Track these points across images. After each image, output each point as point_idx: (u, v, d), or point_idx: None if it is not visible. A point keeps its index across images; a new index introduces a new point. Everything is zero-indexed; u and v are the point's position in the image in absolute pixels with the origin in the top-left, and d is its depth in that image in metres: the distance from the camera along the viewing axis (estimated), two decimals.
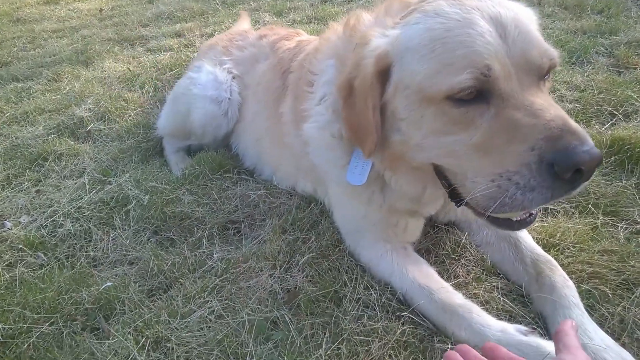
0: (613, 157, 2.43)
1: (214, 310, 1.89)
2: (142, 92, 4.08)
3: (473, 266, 1.99)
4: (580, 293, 1.72)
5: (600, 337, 1.54)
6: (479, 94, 1.42)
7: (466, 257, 2.03)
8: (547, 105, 1.38)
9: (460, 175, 1.53)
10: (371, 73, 1.58)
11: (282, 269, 2.05)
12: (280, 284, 1.99)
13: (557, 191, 1.35)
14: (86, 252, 2.31)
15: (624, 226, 2.07)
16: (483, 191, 1.42)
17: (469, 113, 1.44)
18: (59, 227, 2.46)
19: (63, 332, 1.87)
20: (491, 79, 1.39)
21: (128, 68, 4.58)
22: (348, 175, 1.88)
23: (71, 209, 2.56)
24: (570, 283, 1.73)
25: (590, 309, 1.70)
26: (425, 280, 1.81)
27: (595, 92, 3.08)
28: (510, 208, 1.39)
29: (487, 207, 1.44)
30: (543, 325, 1.71)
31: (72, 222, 2.48)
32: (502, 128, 1.40)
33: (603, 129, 2.74)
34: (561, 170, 1.29)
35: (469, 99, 1.43)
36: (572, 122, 1.35)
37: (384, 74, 1.59)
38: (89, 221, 2.47)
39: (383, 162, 1.79)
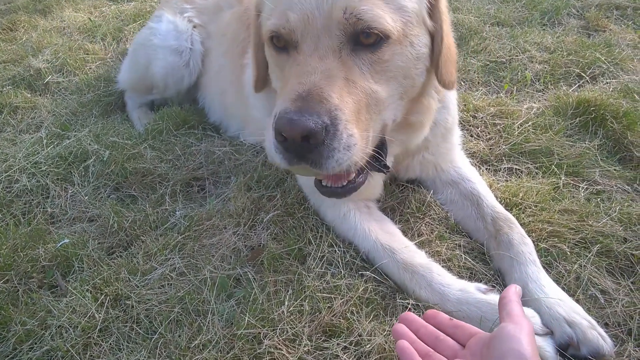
0: (578, 119, 2.45)
1: (175, 268, 1.86)
2: (104, 44, 3.90)
3: (437, 224, 2.00)
4: (539, 251, 1.76)
5: (554, 292, 1.58)
6: (288, 43, 1.45)
7: (430, 215, 2.03)
8: (318, 70, 1.35)
9: None
10: (254, 15, 1.65)
11: (246, 227, 2.02)
12: (244, 242, 1.97)
13: (287, 155, 1.35)
14: (43, 208, 2.23)
15: (585, 186, 2.10)
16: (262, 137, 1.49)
17: (281, 59, 1.50)
18: (14, 183, 2.36)
19: (18, 290, 1.82)
20: (286, 31, 1.40)
21: (89, 18, 4.35)
22: None
23: (27, 164, 2.46)
24: (528, 240, 1.75)
25: (548, 267, 1.75)
26: (388, 239, 1.81)
27: (565, 53, 3.08)
28: (273, 159, 1.42)
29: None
30: (502, 282, 1.74)
31: (29, 178, 2.38)
32: (284, 82, 1.43)
33: (570, 90, 2.76)
34: (274, 132, 1.31)
35: (280, 46, 1.48)
36: (317, 93, 1.31)
37: (260, 10, 1.63)
38: (46, 177, 2.38)
39: None
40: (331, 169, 1.34)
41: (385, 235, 1.83)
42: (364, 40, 1.40)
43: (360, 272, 1.78)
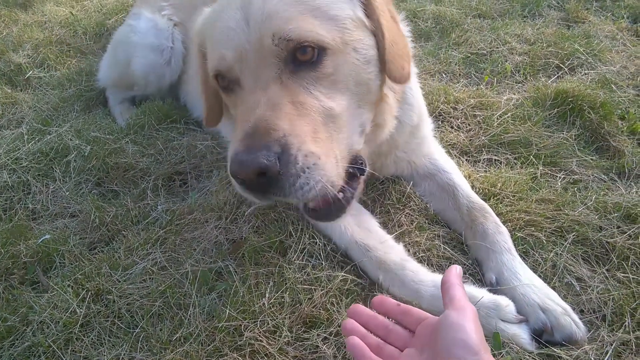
0: (556, 110, 2.48)
1: (157, 262, 1.87)
2: (86, 38, 3.87)
3: (417, 215, 2.02)
4: (515, 240, 1.79)
5: (529, 279, 1.62)
6: (231, 81, 1.44)
7: (410, 206, 2.05)
8: (262, 102, 1.30)
9: None
10: (196, 48, 1.64)
11: (227, 220, 2.03)
12: (226, 235, 1.97)
13: (254, 194, 1.32)
14: (24, 204, 2.23)
15: (562, 176, 2.14)
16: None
17: (230, 99, 1.50)
18: None
19: None
20: (226, 69, 1.40)
21: (70, 12, 4.30)
22: None
23: (8, 160, 2.44)
24: (503, 229, 1.78)
25: (525, 255, 1.78)
26: (364, 236, 1.81)
27: (544, 45, 3.10)
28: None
29: None
30: (480, 271, 1.77)
31: (9, 174, 2.37)
32: (237, 121, 1.42)
33: (549, 81, 2.79)
34: (231, 176, 1.28)
35: (224, 85, 1.47)
36: (263, 125, 1.25)
37: (204, 49, 1.61)
38: (28, 172, 2.37)
39: None
40: (300, 195, 1.26)
41: (361, 232, 1.83)
42: (301, 57, 1.33)
43: (340, 264, 1.80)
